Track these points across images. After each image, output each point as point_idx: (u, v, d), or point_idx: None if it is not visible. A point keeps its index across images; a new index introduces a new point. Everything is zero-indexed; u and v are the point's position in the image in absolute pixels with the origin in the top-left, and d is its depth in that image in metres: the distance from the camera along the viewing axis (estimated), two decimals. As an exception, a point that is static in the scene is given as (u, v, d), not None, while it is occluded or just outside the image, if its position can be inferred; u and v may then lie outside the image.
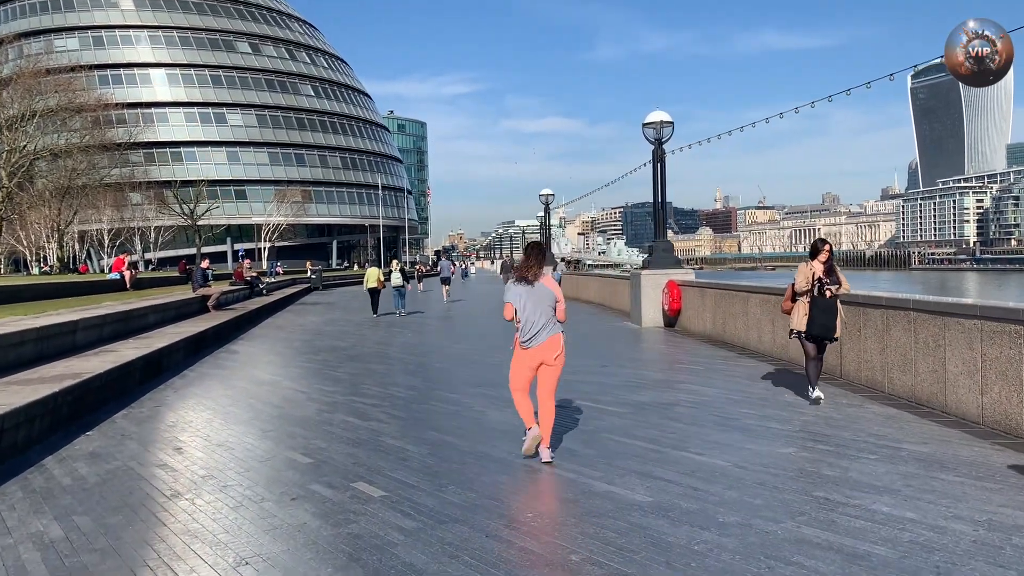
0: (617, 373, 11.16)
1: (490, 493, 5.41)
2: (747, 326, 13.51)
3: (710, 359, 12.39)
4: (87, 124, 53.66)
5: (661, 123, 18.60)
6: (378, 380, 10.83)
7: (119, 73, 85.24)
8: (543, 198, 37.71)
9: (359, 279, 62.82)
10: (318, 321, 22.56)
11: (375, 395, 9.54)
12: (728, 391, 9.31)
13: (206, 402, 9.49)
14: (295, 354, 14.61)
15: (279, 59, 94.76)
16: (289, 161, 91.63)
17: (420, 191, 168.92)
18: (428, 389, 9.96)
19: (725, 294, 14.73)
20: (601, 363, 12.19)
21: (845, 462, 6.00)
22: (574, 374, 10.72)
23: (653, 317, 18.32)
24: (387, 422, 7.89)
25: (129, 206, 67.78)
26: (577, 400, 8.79)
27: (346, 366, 12.46)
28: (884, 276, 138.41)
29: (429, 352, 14.66)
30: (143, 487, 5.78)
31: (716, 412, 8.04)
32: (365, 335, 18.07)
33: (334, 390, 10.02)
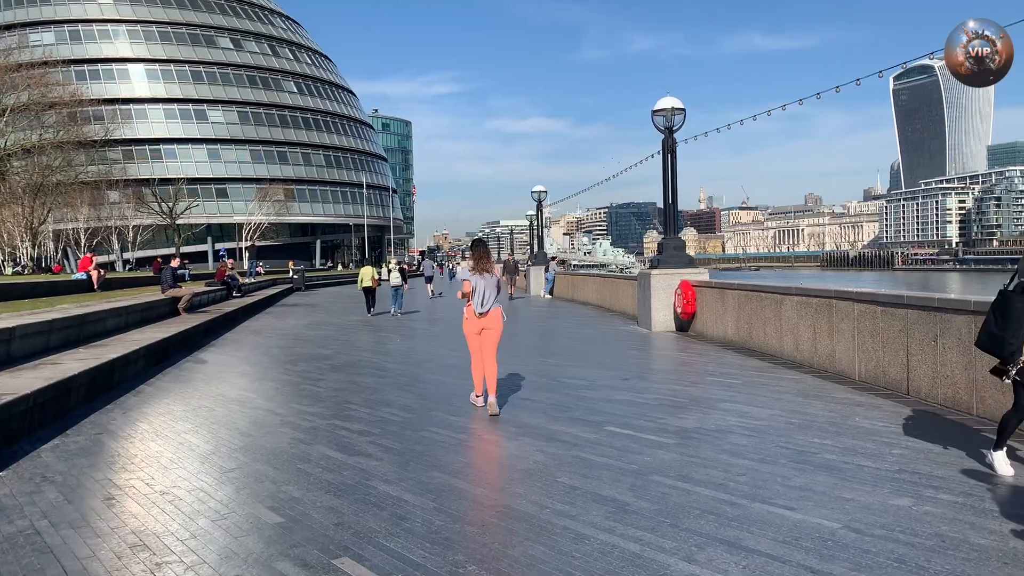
0: (644, 388, 9.65)
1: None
2: (780, 332, 12.05)
3: (743, 370, 10.92)
4: (62, 120, 51.81)
5: (672, 110, 17.13)
6: (366, 398, 9.27)
7: (96, 68, 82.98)
8: (535, 195, 36.20)
9: (343, 279, 61.58)
10: (299, 324, 20.92)
11: (362, 418, 7.98)
12: (784, 413, 7.83)
13: (160, 427, 7.90)
14: (271, 364, 13.00)
15: (261, 55, 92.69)
16: (271, 159, 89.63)
17: (405, 190, 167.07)
18: (425, 410, 8.41)
19: (751, 296, 13.27)
20: (621, 375, 10.70)
21: (994, 523, 4.52)
22: (594, 389, 9.22)
23: (664, 321, 16.85)
24: (378, 457, 6.34)
25: (106, 204, 65.73)
26: (608, 425, 7.28)
27: (328, 379, 10.89)
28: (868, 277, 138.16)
29: (422, 362, 13.11)
30: (44, 566, 4.21)
31: (783, 443, 6.56)
32: (351, 341, 16.49)
33: (313, 411, 8.46)
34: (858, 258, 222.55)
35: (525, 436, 6.95)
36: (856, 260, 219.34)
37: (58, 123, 51.02)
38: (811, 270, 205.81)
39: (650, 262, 18.06)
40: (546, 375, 10.77)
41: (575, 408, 8.21)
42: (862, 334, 9.58)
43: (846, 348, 10.00)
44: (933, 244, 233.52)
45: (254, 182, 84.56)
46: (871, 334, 9.36)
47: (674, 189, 17.40)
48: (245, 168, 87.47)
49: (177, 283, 19.26)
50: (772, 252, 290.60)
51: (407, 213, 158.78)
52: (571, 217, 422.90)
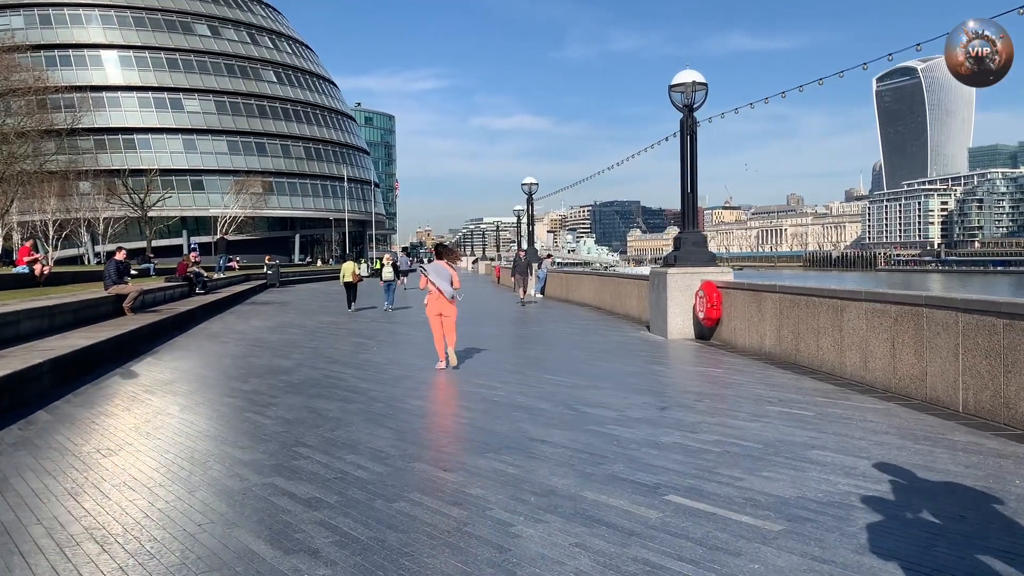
0: (693, 425, 7.35)
1: None
2: (840, 345, 9.86)
3: (804, 394, 8.72)
4: (31, 107, 49.08)
5: (693, 84, 14.92)
6: (325, 436, 6.95)
7: (68, 54, 79.84)
8: (526, 187, 33.91)
9: (322, 275, 58.93)
10: (263, 327, 18.52)
11: (315, 474, 5.67)
12: (906, 468, 5.59)
13: (33, 481, 5.58)
14: (216, 380, 10.65)
15: (240, 43, 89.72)
16: (249, 150, 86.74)
17: (388, 185, 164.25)
18: (405, 458, 6.12)
19: (799, 301, 11.06)
20: (655, 402, 8.43)
21: None
22: (628, 425, 6.97)
23: (681, 327, 14.65)
24: (329, 560, 4.05)
25: (75, 196, 62.75)
26: (669, 492, 5.02)
27: (282, 403, 8.57)
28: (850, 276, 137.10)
29: (403, 379, 10.81)
30: None
31: (939, 530, 4.33)
32: (318, 347, 14.14)
33: (251, 459, 6.15)
34: (841, 258, 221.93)
35: (552, 514, 4.69)
36: (839, 260, 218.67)
37: (27, 110, 48.30)
38: (793, 270, 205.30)
39: (664, 259, 15.85)
40: (559, 401, 8.51)
41: (612, 458, 5.97)
42: (972, 353, 7.41)
43: (943, 370, 7.83)
44: (915, 245, 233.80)
45: (231, 174, 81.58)
46: (987, 354, 7.19)
47: (693, 175, 15.20)
48: (222, 159, 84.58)
49: (123, 278, 16.82)
50: (755, 252, 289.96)
51: (390, 208, 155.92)
52: (555, 215, 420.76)
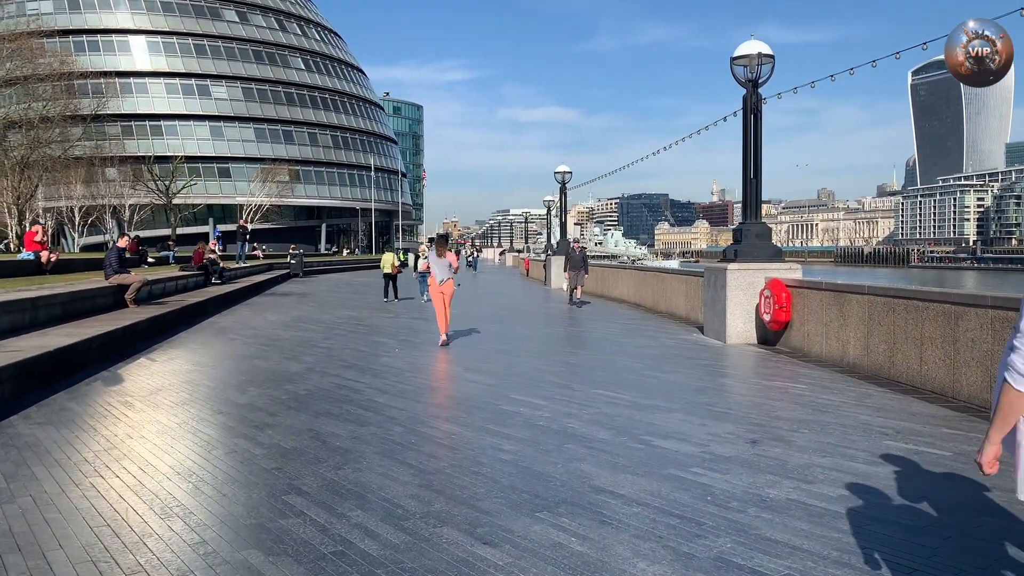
0: (803, 469, 5.67)
1: None
2: (954, 361, 8.15)
3: (921, 421, 7.04)
4: (58, 92, 48.43)
5: (759, 56, 13.18)
6: (327, 477, 5.40)
7: (96, 39, 79.27)
8: (559, 176, 32.19)
9: (348, 266, 57.75)
10: (277, 322, 17.09)
11: (305, 544, 4.12)
12: None
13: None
14: (211, 389, 9.16)
15: (268, 29, 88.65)
16: (276, 138, 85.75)
17: (415, 175, 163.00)
18: (430, 520, 4.55)
19: (896, 304, 9.32)
20: (743, 434, 6.76)
21: None
22: (718, 468, 5.23)
23: (743, 330, 12.98)
24: None
25: (101, 182, 62.12)
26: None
27: (280, 424, 7.07)
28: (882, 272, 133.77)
29: (428, 391, 9.27)
30: None
31: None
32: (333, 348, 12.64)
33: (226, 514, 4.64)
34: (873, 254, 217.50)
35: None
36: (871, 256, 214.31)
37: (53, 95, 47.67)
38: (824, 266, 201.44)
39: (723, 254, 14.17)
40: (620, 427, 6.90)
41: (711, 525, 4.37)
42: None
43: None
44: (950, 242, 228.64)
45: (257, 162, 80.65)
46: None
47: (757, 158, 13.47)
48: (248, 147, 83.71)
49: (125, 267, 15.45)
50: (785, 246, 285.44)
51: (416, 199, 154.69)
52: (582, 207, 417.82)
